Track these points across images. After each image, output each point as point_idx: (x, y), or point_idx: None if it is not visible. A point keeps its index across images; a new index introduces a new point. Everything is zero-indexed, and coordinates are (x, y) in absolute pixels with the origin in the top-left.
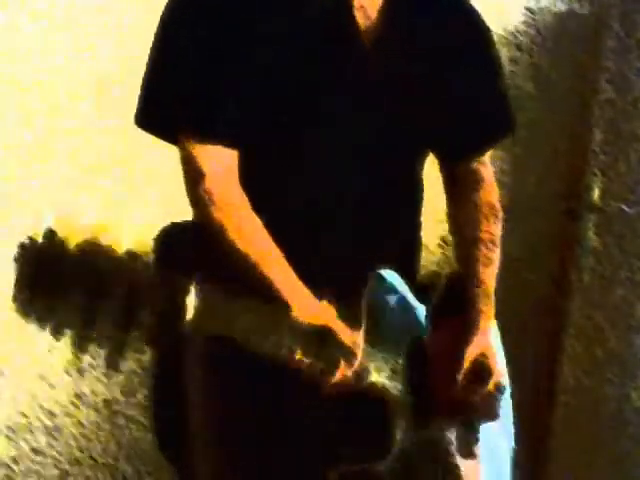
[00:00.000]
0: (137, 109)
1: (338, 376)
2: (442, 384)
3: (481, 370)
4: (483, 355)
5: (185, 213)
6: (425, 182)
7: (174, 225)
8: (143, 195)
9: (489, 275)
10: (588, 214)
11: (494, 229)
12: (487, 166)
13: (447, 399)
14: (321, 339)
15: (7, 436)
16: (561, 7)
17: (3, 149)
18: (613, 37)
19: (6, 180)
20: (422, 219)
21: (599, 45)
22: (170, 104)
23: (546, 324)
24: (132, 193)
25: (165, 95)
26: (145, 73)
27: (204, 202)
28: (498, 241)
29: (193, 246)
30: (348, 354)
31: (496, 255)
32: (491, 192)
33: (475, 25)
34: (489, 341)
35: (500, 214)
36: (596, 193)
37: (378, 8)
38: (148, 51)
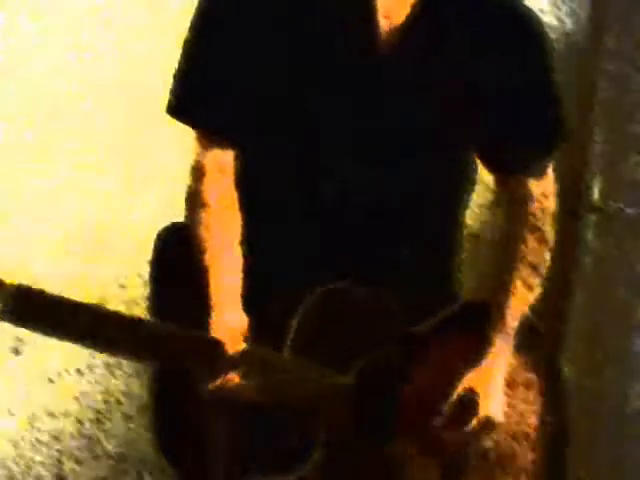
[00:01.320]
0: (169, 99)
1: (218, 383)
2: (422, 409)
3: (467, 406)
4: (473, 390)
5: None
6: None
7: (174, 225)
8: (143, 195)
9: (518, 304)
10: (588, 214)
11: (535, 254)
12: (540, 183)
13: (422, 429)
14: (206, 349)
15: (7, 436)
16: (561, 7)
17: (3, 149)
18: (613, 37)
19: (6, 180)
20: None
21: (599, 45)
22: (188, 100)
23: (546, 324)
24: (132, 193)
25: (185, 91)
26: (177, 65)
27: (195, 198)
28: (542, 268)
29: (192, 246)
30: (230, 365)
31: (534, 282)
32: (540, 212)
33: (524, 30)
34: (489, 378)
35: (547, 236)
36: (596, 193)
37: (406, 12)
38: (148, 51)
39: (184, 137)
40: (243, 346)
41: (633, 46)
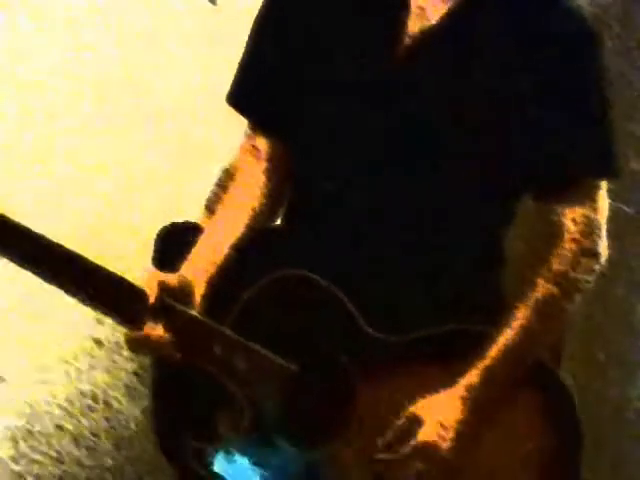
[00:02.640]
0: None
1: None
2: (368, 422)
3: (406, 433)
4: (418, 418)
5: (185, 213)
6: None
7: (174, 225)
8: (143, 195)
9: (518, 356)
10: None
11: (556, 298)
12: (580, 221)
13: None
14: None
15: (7, 436)
16: None
17: (3, 149)
18: (613, 37)
19: (6, 180)
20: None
21: None
22: (236, 91)
23: None
24: (132, 193)
25: (236, 82)
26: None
27: (225, 170)
28: (559, 315)
29: (193, 246)
30: (150, 315)
31: (546, 330)
32: (570, 255)
33: (575, 48)
34: (441, 408)
35: (573, 285)
36: None
37: (441, 14)
38: (148, 51)
39: (184, 137)
40: (169, 301)
41: (633, 45)
